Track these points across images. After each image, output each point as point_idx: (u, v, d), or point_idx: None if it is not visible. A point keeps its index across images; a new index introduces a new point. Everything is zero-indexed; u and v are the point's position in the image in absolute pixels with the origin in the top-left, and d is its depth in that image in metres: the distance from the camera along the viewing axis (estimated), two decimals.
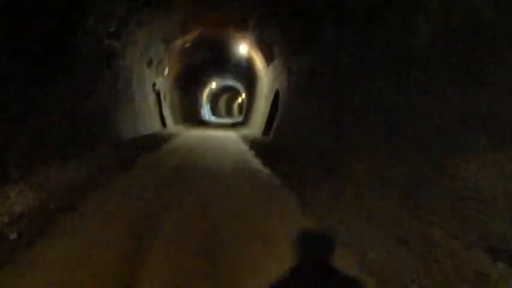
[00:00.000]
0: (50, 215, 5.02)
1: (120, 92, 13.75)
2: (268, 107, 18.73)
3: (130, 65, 14.83)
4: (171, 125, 22.94)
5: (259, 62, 21.79)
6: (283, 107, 15.76)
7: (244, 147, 14.42)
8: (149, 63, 17.77)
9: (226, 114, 60.79)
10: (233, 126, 30.74)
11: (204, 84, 36.72)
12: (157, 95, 20.52)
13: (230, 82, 39.78)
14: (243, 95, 46.81)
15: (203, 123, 32.83)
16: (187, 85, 29.43)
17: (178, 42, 20.61)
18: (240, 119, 42.36)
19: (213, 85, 40.60)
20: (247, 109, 34.84)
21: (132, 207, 5.68)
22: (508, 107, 3.93)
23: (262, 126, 19.11)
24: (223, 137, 19.48)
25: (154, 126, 18.90)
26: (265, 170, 9.58)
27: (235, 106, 66.92)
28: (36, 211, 5.13)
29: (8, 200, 5.34)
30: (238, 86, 40.01)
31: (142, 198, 6.29)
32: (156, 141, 14.25)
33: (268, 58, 19.12)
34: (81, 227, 4.75)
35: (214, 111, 50.71)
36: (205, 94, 41.62)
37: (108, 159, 9.45)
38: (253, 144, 14.99)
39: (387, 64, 6.60)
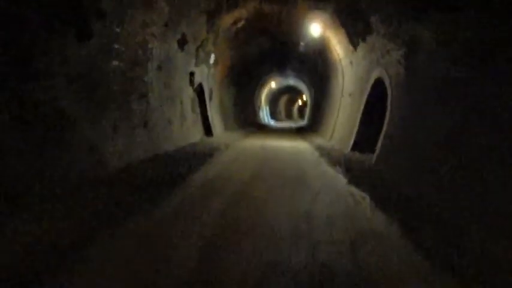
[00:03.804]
0: None
1: (112, 82, 7.26)
2: (360, 109, 11.60)
3: (138, 35, 8.29)
4: (220, 132, 16.32)
5: (338, 45, 14.68)
6: (399, 109, 8.64)
7: (341, 182, 7.38)
8: (182, 42, 11.20)
9: (286, 117, 53.84)
10: (298, 132, 23.73)
11: (263, 82, 29.99)
12: (199, 91, 13.92)
13: (291, 81, 32.94)
14: (304, 97, 39.83)
15: (262, 128, 26.02)
16: (243, 81, 22.72)
17: (227, 20, 13.98)
18: (303, 122, 35.30)
19: (273, 85, 33.82)
20: (313, 111, 27.70)
21: None
22: None
23: (350, 137, 12.00)
24: (293, 151, 12.48)
25: (192, 135, 12.33)
26: None
27: (295, 109, 59.88)
28: None
29: None
30: (301, 85, 33.02)
31: None
32: (181, 168, 7.54)
33: (358, 36, 12.01)
34: None
35: (274, 114, 43.94)
36: (264, 94, 34.90)
37: None
38: (354, 173, 7.94)
39: None
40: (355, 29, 12.04)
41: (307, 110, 35.76)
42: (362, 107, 11.47)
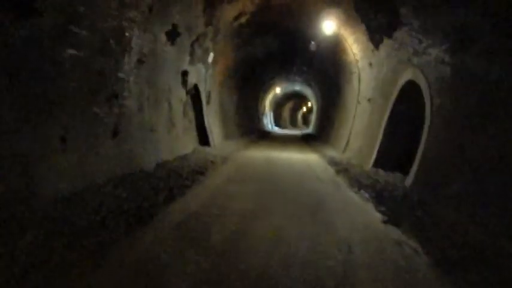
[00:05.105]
0: None
1: (66, 76, 5.27)
2: (384, 117, 9.56)
3: (111, 19, 6.31)
4: (219, 141, 14.28)
5: (355, 44, 12.67)
6: (446, 120, 6.58)
7: (374, 218, 5.25)
8: (172, 34, 9.21)
9: (291, 124, 51.81)
10: (305, 140, 21.70)
11: (267, 86, 28.00)
12: (194, 93, 11.91)
13: (297, 87, 30.94)
14: (310, 103, 37.81)
15: (266, 136, 24.00)
16: (246, 84, 20.68)
17: (229, 13, 12.02)
18: (308, 130, 33.25)
19: (277, 90, 31.83)
20: (321, 118, 25.65)
21: None
22: None
23: (371, 150, 9.94)
24: (303, 167, 10.31)
25: (183, 146, 10.28)
26: None
27: (300, 116, 57.90)
28: None
29: None
30: (307, 91, 31.04)
31: None
32: (155, 196, 5.49)
33: (382, 31, 10.01)
34: None
35: (278, 120, 41.92)
36: (268, 100, 32.91)
37: None
38: (387, 203, 5.86)
39: None
40: (378, 23, 10.04)
41: (313, 117, 33.74)
42: (387, 116, 9.42)
